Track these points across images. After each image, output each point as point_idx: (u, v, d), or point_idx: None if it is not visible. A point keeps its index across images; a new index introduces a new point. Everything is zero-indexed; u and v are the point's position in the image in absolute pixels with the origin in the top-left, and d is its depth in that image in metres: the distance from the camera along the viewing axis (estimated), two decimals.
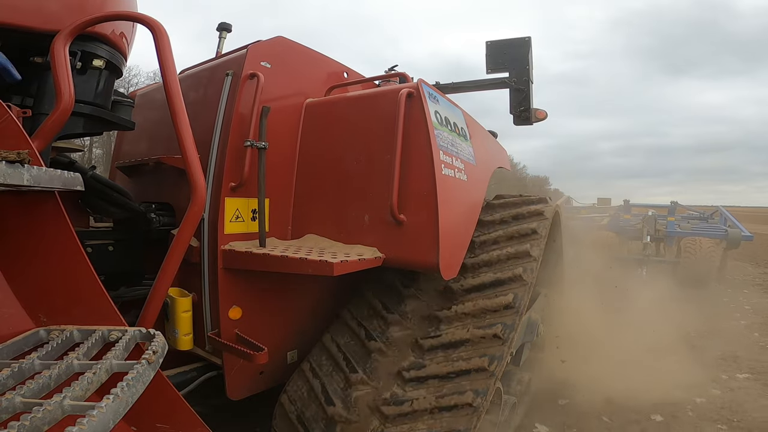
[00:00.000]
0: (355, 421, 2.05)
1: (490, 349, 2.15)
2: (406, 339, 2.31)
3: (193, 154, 1.59)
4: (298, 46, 2.59)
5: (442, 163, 2.18)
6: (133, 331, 1.10)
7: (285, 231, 2.47)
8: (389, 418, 2.02)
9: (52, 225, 1.11)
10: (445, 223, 2.10)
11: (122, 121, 1.95)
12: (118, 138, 3.18)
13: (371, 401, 2.09)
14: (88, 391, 0.85)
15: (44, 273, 1.12)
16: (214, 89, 2.32)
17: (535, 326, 3.19)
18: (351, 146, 2.37)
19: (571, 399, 3.49)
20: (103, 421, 0.74)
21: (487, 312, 2.29)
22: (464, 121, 2.69)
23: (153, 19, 1.57)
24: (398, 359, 2.24)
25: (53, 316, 1.11)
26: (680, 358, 4.34)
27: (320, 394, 2.15)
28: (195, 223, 1.56)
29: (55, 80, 1.34)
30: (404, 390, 2.11)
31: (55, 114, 1.32)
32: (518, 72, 3.62)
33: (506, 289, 2.37)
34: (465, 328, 2.26)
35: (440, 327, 2.30)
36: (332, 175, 2.41)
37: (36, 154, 1.05)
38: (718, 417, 3.37)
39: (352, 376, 2.17)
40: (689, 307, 6.13)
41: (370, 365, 2.21)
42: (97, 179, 2.28)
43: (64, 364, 0.91)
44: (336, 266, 1.86)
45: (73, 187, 1.09)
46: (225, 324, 2.14)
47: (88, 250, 2.31)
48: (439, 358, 2.18)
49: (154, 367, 0.97)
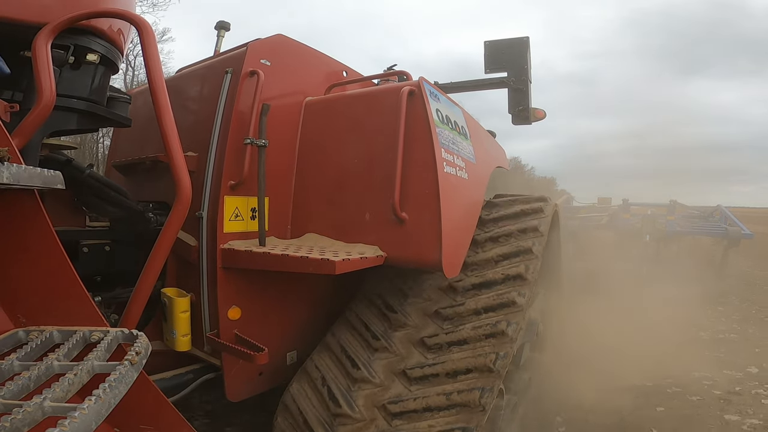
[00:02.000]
0: (360, 421, 1.99)
1: (495, 347, 2.09)
2: (410, 338, 2.26)
3: (178, 152, 1.54)
4: (297, 44, 2.53)
5: (444, 161, 2.13)
6: (116, 332, 1.07)
7: (284, 230, 2.40)
8: (394, 418, 1.96)
9: (32, 224, 1.07)
10: (448, 221, 2.05)
11: (118, 118, 1.88)
12: (114, 136, 3.11)
13: (376, 401, 2.04)
14: (69, 393, 0.83)
15: (23, 273, 1.09)
16: (214, 87, 2.26)
17: (534, 325, 3.13)
18: (351, 144, 2.32)
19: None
20: (85, 423, 0.72)
21: (491, 310, 2.24)
22: (464, 119, 2.64)
23: (138, 17, 1.54)
24: (402, 358, 2.18)
25: (33, 316, 1.08)
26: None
27: (324, 394, 2.09)
28: (180, 222, 1.51)
29: (36, 77, 1.30)
30: (409, 389, 2.05)
31: (36, 111, 1.28)
32: (517, 72, 3.58)
33: (510, 287, 2.31)
34: (469, 326, 2.20)
35: (444, 325, 2.25)
36: (332, 174, 2.35)
37: (16, 152, 1.01)
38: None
39: (357, 375, 2.11)
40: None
41: (374, 364, 2.15)
42: (95, 177, 2.21)
43: (43, 365, 0.89)
44: (338, 265, 1.80)
45: (54, 185, 1.04)
46: (224, 324, 2.08)
47: (84, 249, 2.24)
48: (443, 356, 2.13)
49: (137, 368, 0.95)
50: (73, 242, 2.24)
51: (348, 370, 2.14)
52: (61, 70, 1.53)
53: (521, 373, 3.03)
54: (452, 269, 2.15)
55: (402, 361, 2.16)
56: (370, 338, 2.25)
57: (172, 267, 2.30)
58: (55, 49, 1.44)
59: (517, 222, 2.66)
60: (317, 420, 2.05)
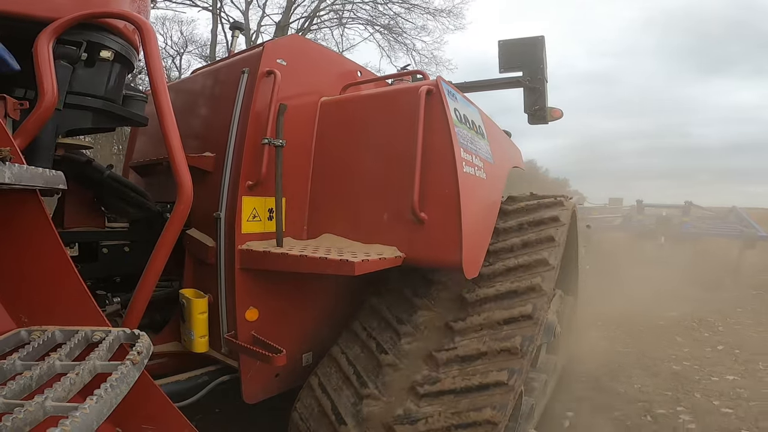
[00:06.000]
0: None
1: (508, 362, 1.94)
2: (419, 351, 2.10)
3: (179, 153, 1.51)
4: (312, 44, 2.45)
5: (463, 161, 2.02)
6: (117, 332, 1.05)
7: (301, 230, 2.31)
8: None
9: (34, 224, 1.03)
10: (467, 221, 1.94)
11: (134, 117, 1.81)
12: (131, 137, 3.05)
13: (383, 418, 1.88)
14: (71, 392, 0.82)
15: (26, 273, 1.06)
16: (230, 87, 2.17)
17: (552, 327, 2.99)
18: (368, 144, 2.22)
19: None
20: (86, 422, 0.71)
21: (504, 323, 2.08)
22: (480, 119, 2.53)
23: (141, 18, 1.49)
24: (411, 373, 2.02)
25: (35, 316, 1.06)
26: None
27: (330, 412, 1.96)
28: (181, 221, 1.49)
29: (38, 77, 1.27)
30: (418, 406, 1.89)
31: (38, 111, 1.24)
32: (532, 71, 3.45)
33: (524, 299, 2.16)
34: (482, 340, 2.05)
35: (455, 339, 2.09)
36: (349, 174, 2.25)
37: (18, 152, 0.96)
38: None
39: (363, 390, 1.97)
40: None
41: (381, 379, 2.00)
42: (114, 178, 2.15)
43: (45, 364, 0.87)
44: (357, 266, 1.70)
45: (56, 185, 1.01)
46: (241, 326, 1.99)
47: (104, 250, 2.18)
48: (454, 371, 1.97)
49: (138, 368, 0.93)
50: (93, 243, 2.18)
51: (354, 386, 2.01)
52: (74, 67, 1.46)
53: (538, 374, 2.90)
54: (472, 269, 2.04)
55: (411, 376, 2.00)
56: (378, 352, 2.11)
57: (190, 268, 2.23)
58: (68, 45, 1.37)
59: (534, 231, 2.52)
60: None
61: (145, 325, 2.15)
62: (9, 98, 1.15)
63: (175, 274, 2.31)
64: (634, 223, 9.83)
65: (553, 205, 2.70)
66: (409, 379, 2.00)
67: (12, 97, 1.20)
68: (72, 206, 2.13)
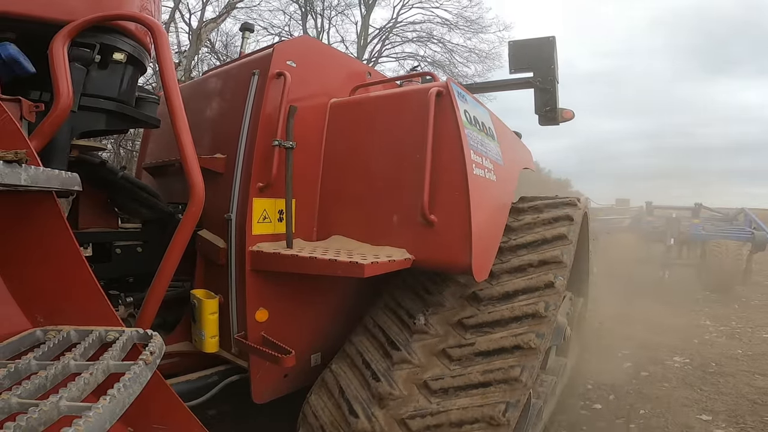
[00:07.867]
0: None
1: (521, 358, 1.92)
2: (432, 348, 2.08)
3: (192, 154, 1.50)
4: (322, 45, 2.44)
5: (473, 163, 1.98)
6: (131, 332, 1.05)
7: (310, 232, 2.29)
8: (415, 431, 1.80)
9: (50, 225, 1.03)
10: (477, 224, 1.91)
11: (147, 118, 1.81)
12: (144, 138, 3.05)
13: (396, 413, 1.87)
14: (85, 392, 0.82)
15: (41, 273, 1.06)
16: (241, 89, 2.17)
17: (562, 329, 2.94)
18: (378, 146, 2.19)
19: None
20: (99, 422, 0.71)
21: (517, 320, 2.05)
22: (490, 120, 2.49)
23: (152, 20, 1.50)
24: (424, 369, 2.00)
25: (50, 316, 1.06)
26: None
27: (343, 406, 1.95)
28: (193, 222, 1.48)
29: (54, 79, 1.27)
30: (430, 401, 1.87)
31: (54, 113, 1.24)
32: (543, 72, 3.38)
33: (537, 297, 2.12)
34: (494, 336, 2.02)
35: (467, 335, 2.07)
36: (358, 176, 2.23)
37: (34, 154, 0.97)
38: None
39: (376, 386, 1.95)
40: None
41: (393, 375, 1.98)
42: (128, 180, 2.15)
43: (60, 364, 0.87)
44: (367, 267, 1.69)
45: (71, 187, 1.01)
46: (251, 326, 1.99)
47: (117, 251, 2.18)
48: (467, 368, 1.95)
49: (151, 368, 0.93)
50: (106, 244, 2.19)
51: (367, 381, 1.99)
52: (88, 69, 1.46)
53: (547, 376, 2.85)
54: (482, 272, 2.01)
55: (423, 372, 1.99)
56: (390, 348, 2.09)
57: (201, 269, 2.23)
58: (82, 47, 1.37)
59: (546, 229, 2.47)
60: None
61: (157, 325, 2.15)
62: (25, 101, 1.15)
63: (187, 275, 2.31)
64: (643, 225, 9.67)
65: (567, 204, 2.66)
66: (421, 375, 1.98)
67: (28, 99, 1.20)
68: (86, 207, 2.14)
